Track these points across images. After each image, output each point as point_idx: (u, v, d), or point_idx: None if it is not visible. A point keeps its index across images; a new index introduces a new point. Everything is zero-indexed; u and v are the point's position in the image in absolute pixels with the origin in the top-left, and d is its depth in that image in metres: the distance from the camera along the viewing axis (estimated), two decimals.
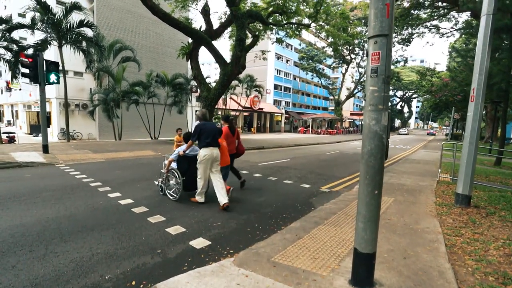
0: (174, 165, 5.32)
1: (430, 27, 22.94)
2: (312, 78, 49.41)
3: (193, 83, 20.81)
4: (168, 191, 5.43)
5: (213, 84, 22.48)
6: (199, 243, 3.51)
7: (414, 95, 66.52)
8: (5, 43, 13.81)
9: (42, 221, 3.95)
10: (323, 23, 21.16)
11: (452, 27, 22.18)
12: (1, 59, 14.37)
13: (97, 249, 3.23)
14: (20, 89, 27.09)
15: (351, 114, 56.13)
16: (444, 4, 19.37)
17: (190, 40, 16.62)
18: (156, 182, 5.87)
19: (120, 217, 4.25)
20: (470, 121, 4.55)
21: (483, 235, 3.63)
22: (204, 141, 4.88)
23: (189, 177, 5.27)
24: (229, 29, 19.43)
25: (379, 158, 2.12)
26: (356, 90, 46.58)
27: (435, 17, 21.04)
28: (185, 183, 5.25)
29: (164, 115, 20.91)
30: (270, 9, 19.36)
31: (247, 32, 17.04)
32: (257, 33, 20.50)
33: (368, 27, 2.11)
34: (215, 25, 17.73)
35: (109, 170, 7.99)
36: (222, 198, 4.80)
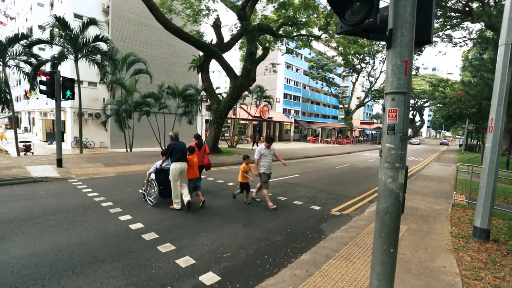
0: (153, 176, 6.44)
1: (443, 37, 22.63)
2: (322, 87, 49.29)
3: (204, 93, 21.06)
4: (149, 197, 6.51)
5: (224, 95, 22.72)
6: (209, 278, 3.48)
7: (426, 104, 65.36)
8: (25, 57, 14.33)
9: (55, 250, 3.99)
10: (333, 34, 21.20)
11: (465, 37, 21.85)
12: (21, 72, 14.92)
13: (108, 284, 3.24)
14: (37, 98, 27.99)
15: (361, 123, 55.51)
16: (457, 14, 19.13)
17: (201, 53, 16.89)
18: (140, 191, 6.96)
19: (131, 246, 4.27)
20: (488, 152, 4.40)
21: (505, 281, 3.46)
22: (174, 157, 6.08)
23: (165, 186, 6.37)
24: (240, 39, 19.67)
25: (395, 216, 2.06)
26: (366, 99, 46.17)
27: (448, 27, 20.77)
28: (162, 191, 6.42)
29: (175, 125, 21.17)
30: (280, 20, 19.56)
31: (257, 44, 17.22)
32: (267, 44, 20.68)
33: (386, 82, 2.07)
34: (226, 38, 18.01)
35: (120, 186, 8.08)
36: (185, 198, 6.11)
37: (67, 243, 4.27)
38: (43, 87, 9.30)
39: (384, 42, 2.13)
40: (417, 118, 75.43)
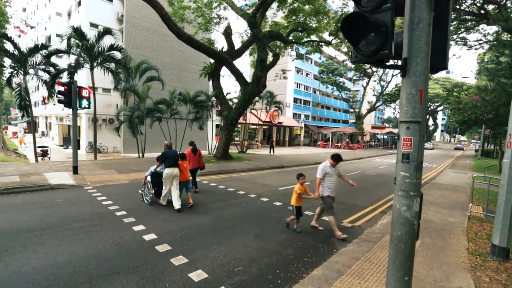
0: (149, 178, 7.38)
1: (457, 40, 22.15)
2: (332, 92, 48.98)
3: (214, 99, 21.29)
4: (145, 197, 7.46)
5: (234, 100, 22.88)
6: None
7: (440, 108, 63.93)
8: (44, 66, 14.89)
9: (73, 261, 4.12)
10: (344, 39, 21.11)
11: (480, 39, 21.30)
12: (40, 80, 15.49)
13: None
14: (54, 104, 28.91)
15: (372, 128, 54.75)
16: (472, 16, 18.70)
17: (212, 60, 17.12)
18: (140, 191, 7.79)
19: (145, 258, 4.35)
20: (507, 168, 4.29)
21: None
22: (167, 163, 6.90)
23: (159, 187, 7.25)
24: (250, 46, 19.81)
25: (410, 244, 2.05)
26: (378, 104, 45.55)
27: (462, 30, 20.32)
28: (156, 192, 7.35)
29: (186, 130, 21.47)
30: (290, 26, 19.61)
31: (267, 50, 17.33)
32: (277, 50, 20.78)
33: (400, 110, 2.08)
34: (236, 44, 18.18)
35: (133, 194, 8.25)
36: (176, 204, 6.73)
37: (84, 253, 4.40)
38: (61, 97, 9.64)
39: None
40: (430, 122, 73.83)
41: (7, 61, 21.93)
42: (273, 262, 4.49)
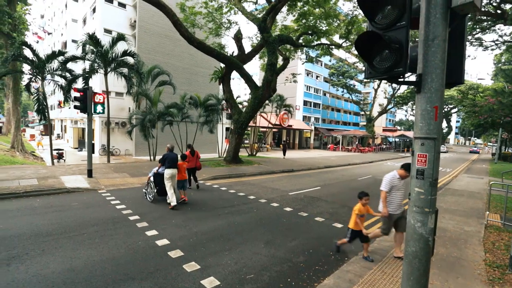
0: (152, 179, 8.12)
1: (472, 40, 21.60)
2: (342, 94, 48.56)
3: (224, 102, 21.46)
4: (148, 195, 8.19)
5: (244, 103, 23.00)
6: None
7: (454, 110, 62.36)
8: (60, 72, 15.38)
9: (89, 265, 4.24)
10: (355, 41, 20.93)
11: (497, 40, 20.68)
12: (57, 85, 16.01)
13: None
14: (69, 108, 29.77)
15: (384, 130, 53.87)
16: (488, 17, 18.21)
17: (222, 65, 17.29)
18: (144, 190, 8.58)
19: (158, 263, 4.44)
20: None
21: None
22: (167, 164, 7.68)
23: (160, 186, 7.97)
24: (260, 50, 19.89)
25: (425, 261, 2.03)
26: (389, 106, 44.85)
27: (478, 30, 19.82)
28: (158, 191, 8.08)
29: (196, 133, 21.72)
30: (300, 29, 19.61)
31: (277, 54, 17.37)
32: (287, 53, 20.79)
33: (414, 126, 2.07)
34: (247, 48, 18.30)
35: (145, 199, 8.41)
36: (173, 200, 7.45)
37: (100, 258, 4.52)
38: (77, 103, 9.95)
39: None
40: (444, 124, 72.09)
41: (26, 66, 22.82)
42: (284, 270, 4.49)
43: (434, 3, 1.91)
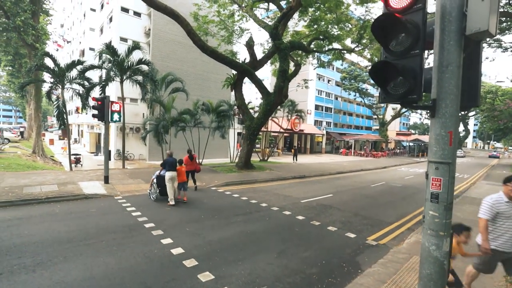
0: (155, 180, 9.12)
1: (490, 42, 21.02)
2: (354, 98, 48.04)
3: (236, 107, 21.64)
4: (152, 195, 9.23)
5: (256, 108, 23.12)
6: None
7: (472, 113, 60.49)
8: (79, 80, 15.99)
9: (108, 273, 4.40)
10: (367, 45, 20.74)
11: None
12: (76, 93, 16.64)
13: None
14: (86, 113, 30.75)
15: (397, 134, 52.84)
16: (508, 18, 17.72)
17: (234, 71, 17.51)
18: (148, 190, 9.58)
19: (174, 273, 4.55)
20: None
21: None
22: (167, 168, 8.78)
23: (162, 188, 8.99)
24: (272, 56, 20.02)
25: (440, 284, 2.04)
26: (403, 109, 43.98)
27: (497, 31, 19.30)
28: (160, 191, 9.09)
29: (208, 138, 22.00)
30: (312, 34, 19.61)
31: (289, 60, 17.45)
32: (298, 59, 20.85)
33: (429, 150, 2.10)
34: (258, 55, 18.46)
35: (159, 205, 8.61)
36: (171, 201, 8.60)
37: (118, 266, 4.68)
38: (95, 112, 10.33)
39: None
40: (461, 128, 69.99)
41: (46, 74, 23.83)
42: (297, 281, 4.51)
43: (448, 30, 1.94)
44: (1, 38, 20.41)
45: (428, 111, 2.08)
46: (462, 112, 60.95)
